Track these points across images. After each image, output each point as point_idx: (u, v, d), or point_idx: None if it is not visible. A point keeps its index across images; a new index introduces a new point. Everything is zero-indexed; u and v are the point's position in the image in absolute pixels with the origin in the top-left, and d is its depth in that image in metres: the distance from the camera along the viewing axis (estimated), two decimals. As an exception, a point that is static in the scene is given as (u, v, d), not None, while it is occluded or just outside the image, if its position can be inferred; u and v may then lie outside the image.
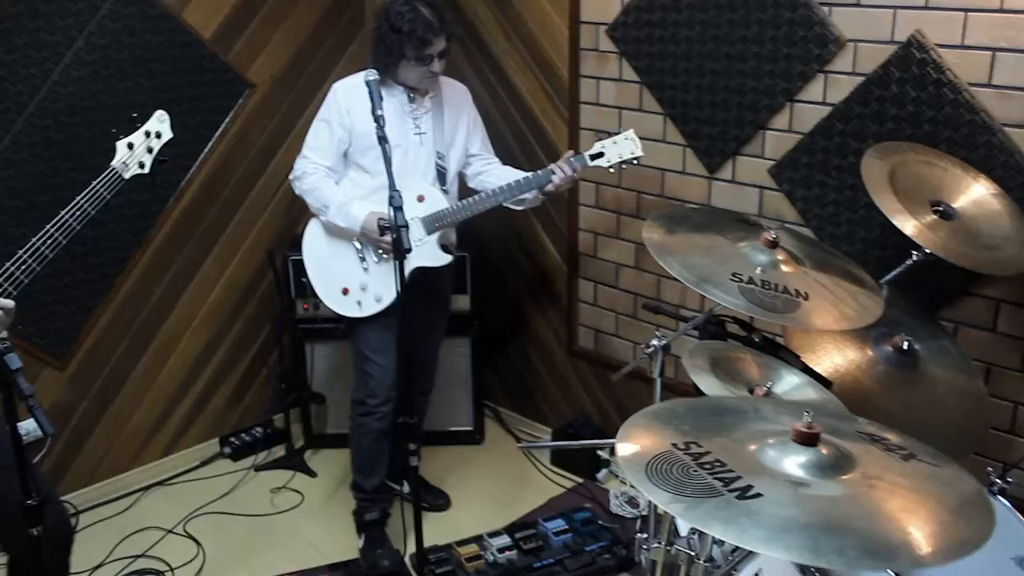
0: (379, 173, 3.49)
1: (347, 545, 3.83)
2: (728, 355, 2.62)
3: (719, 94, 3.50)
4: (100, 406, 4.15)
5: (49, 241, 2.66)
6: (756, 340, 2.68)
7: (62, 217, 2.68)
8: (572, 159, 3.43)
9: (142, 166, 2.86)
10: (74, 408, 4.05)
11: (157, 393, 4.31)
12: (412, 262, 3.48)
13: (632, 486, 4.05)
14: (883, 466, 1.80)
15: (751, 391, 2.48)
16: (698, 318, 2.85)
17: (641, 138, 3.68)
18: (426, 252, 3.52)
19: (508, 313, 4.62)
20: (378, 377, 3.64)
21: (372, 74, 3.03)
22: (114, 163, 2.81)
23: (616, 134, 3.47)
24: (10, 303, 2.61)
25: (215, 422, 4.52)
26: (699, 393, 2.48)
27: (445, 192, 3.59)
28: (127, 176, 2.81)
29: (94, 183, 2.75)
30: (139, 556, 3.82)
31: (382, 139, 2.90)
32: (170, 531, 3.98)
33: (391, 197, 2.80)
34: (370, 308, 3.57)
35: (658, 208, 3.76)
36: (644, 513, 3.88)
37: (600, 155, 3.46)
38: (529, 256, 4.42)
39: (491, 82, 4.30)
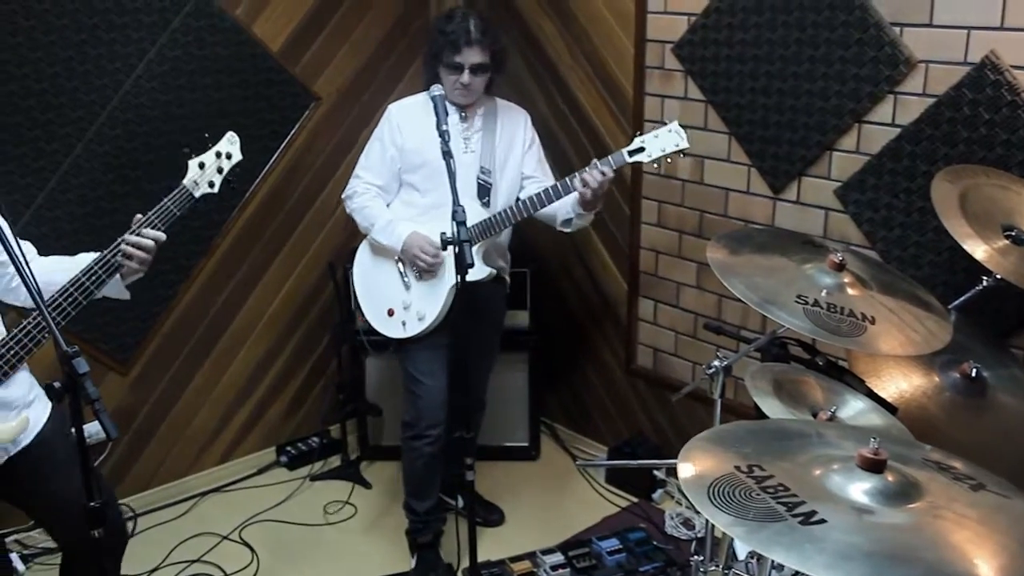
0: (429, 191, 3.56)
1: (399, 559, 3.84)
2: (792, 378, 2.58)
3: (785, 114, 3.46)
4: (161, 411, 4.21)
5: (118, 253, 2.69)
6: (820, 363, 2.64)
7: (134, 231, 2.72)
8: (601, 160, 3.31)
9: (211, 185, 2.89)
10: (135, 413, 4.11)
11: (216, 400, 4.36)
12: (449, 280, 3.49)
13: (690, 507, 4.01)
14: (950, 496, 1.76)
15: (815, 415, 2.44)
16: (761, 340, 2.82)
17: (706, 157, 3.67)
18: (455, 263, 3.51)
19: (567, 330, 4.60)
20: (427, 399, 3.63)
21: (437, 89, 3.06)
22: (185, 181, 2.83)
23: (659, 127, 3.36)
24: (162, 236, 2.72)
25: (272, 431, 4.56)
26: (760, 415, 2.45)
27: (485, 206, 3.56)
28: (197, 195, 2.84)
29: (165, 200, 2.77)
30: (194, 561, 3.87)
31: (447, 154, 2.89)
32: (225, 537, 4.02)
33: (454, 212, 2.80)
34: (413, 328, 3.57)
35: (721, 228, 3.73)
36: (700, 535, 3.84)
37: (640, 150, 3.34)
38: (589, 273, 4.41)
39: (555, 98, 4.31)
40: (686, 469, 1.82)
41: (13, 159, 3.53)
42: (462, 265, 2.74)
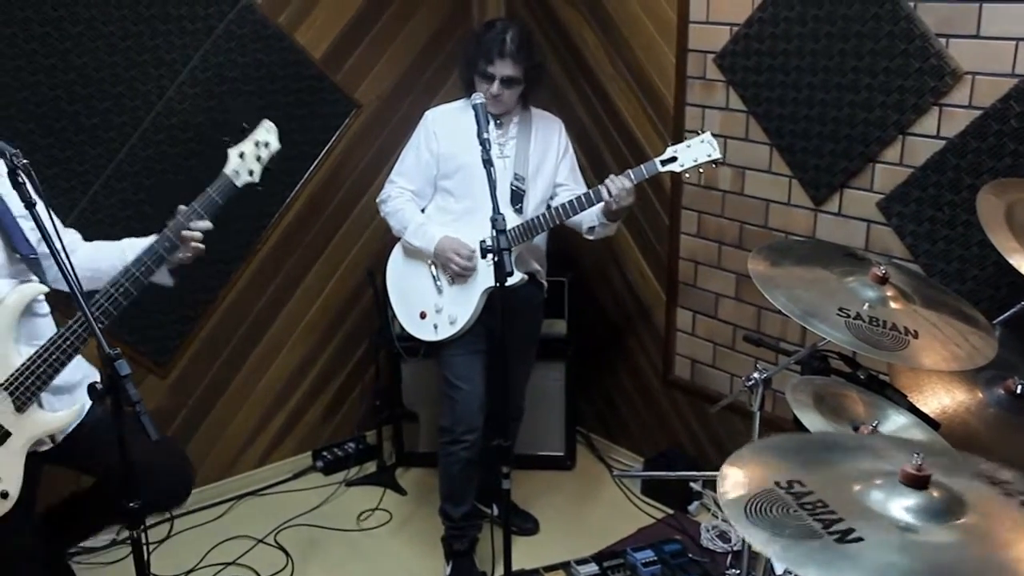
0: (464, 197, 3.58)
1: (434, 566, 3.84)
2: (833, 391, 2.55)
3: (828, 125, 3.44)
4: (198, 415, 4.23)
5: (166, 243, 2.77)
6: (861, 377, 2.61)
7: (177, 220, 2.77)
8: (634, 169, 3.33)
9: (252, 174, 2.94)
10: (173, 416, 4.14)
11: (254, 404, 4.39)
12: (481, 283, 3.52)
13: (726, 520, 3.98)
14: (999, 512, 1.72)
15: (856, 429, 2.42)
16: (801, 352, 2.79)
17: (746, 168, 3.65)
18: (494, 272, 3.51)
19: (604, 339, 4.59)
20: (464, 404, 3.62)
21: (479, 97, 3.06)
22: (226, 170, 2.89)
23: (692, 138, 3.38)
24: (209, 224, 2.83)
25: (309, 435, 4.58)
26: (799, 428, 2.43)
27: (518, 212, 3.57)
28: (239, 184, 2.89)
29: (208, 189, 2.83)
30: (229, 564, 3.89)
31: (487, 162, 2.88)
32: (260, 541, 4.04)
33: (494, 220, 2.79)
34: (445, 331, 3.58)
35: (761, 239, 3.71)
36: (736, 548, 3.82)
37: (672, 159, 3.36)
38: (627, 283, 4.39)
39: (594, 107, 4.30)
40: (726, 483, 1.80)
41: (59, 163, 3.58)
42: (501, 273, 2.74)
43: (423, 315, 3.64)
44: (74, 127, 3.58)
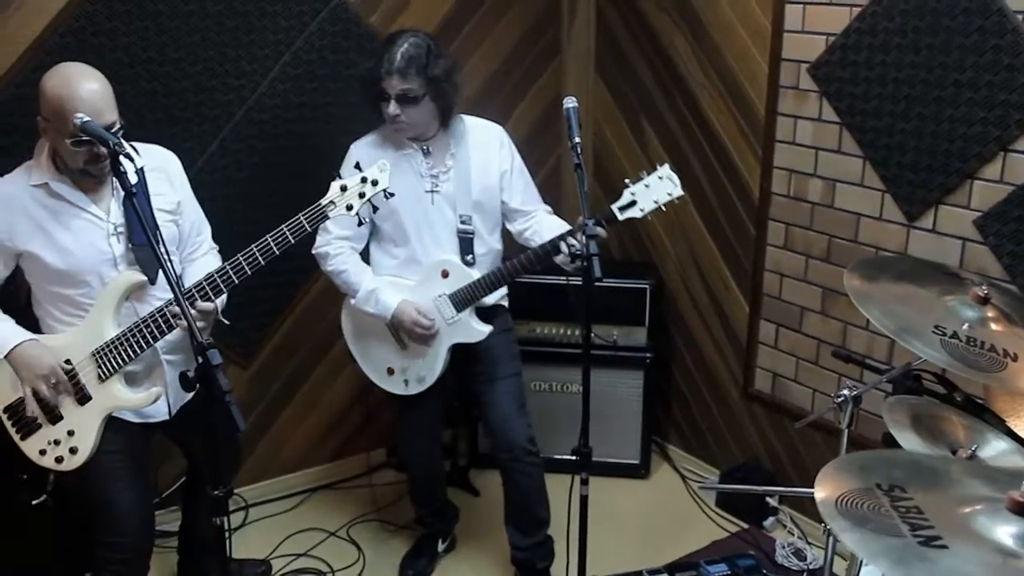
0: (402, 243, 3.38)
1: (499, 567, 3.86)
2: (931, 413, 2.49)
3: (925, 139, 3.36)
4: (277, 407, 4.29)
5: (250, 260, 2.81)
6: (958, 399, 2.55)
7: (265, 241, 2.80)
8: (588, 228, 2.79)
9: (349, 208, 2.83)
10: (253, 407, 4.20)
11: (331, 399, 4.43)
12: (446, 341, 3.40)
13: (802, 537, 3.93)
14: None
15: (954, 452, 2.36)
16: (895, 371, 2.73)
17: (837, 181, 3.57)
18: (460, 330, 3.39)
19: (684, 348, 4.55)
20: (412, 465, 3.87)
21: (570, 101, 2.97)
22: (323, 200, 2.82)
23: (649, 175, 3.16)
24: (211, 305, 2.79)
25: (383, 432, 4.59)
26: (888, 448, 2.38)
27: (470, 264, 3.39)
28: (331, 215, 2.82)
29: (300, 215, 2.82)
30: (301, 555, 3.94)
31: (578, 167, 2.79)
32: (333, 534, 4.08)
33: (584, 225, 2.73)
34: (415, 388, 3.49)
35: (850, 253, 3.63)
36: (812, 567, 3.76)
37: (631, 204, 3.16)
38: (710, 292, 4.35)
39: (684, 115, 4.26)
40: (826, 480, 1.76)
41: (153, 154, 3.64)
42: (589, 281, 2.68)
43: (391, 371, 3.51)
44: (168, 119, 3.64)
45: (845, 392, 2.69)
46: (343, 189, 2.80)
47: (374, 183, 2.81)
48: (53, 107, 2.64)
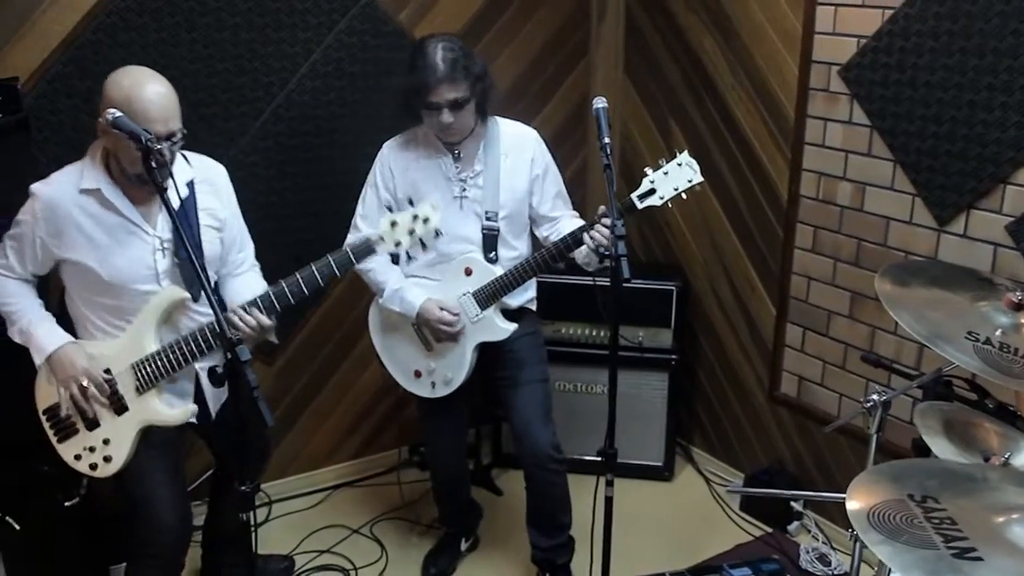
0: (429, 248, 3.22)
1: (522, 568, 3.86)
2: (963, 419, 2.47)
3: (957, 143, 3.33)
4: (302, 403, 4.30)
5: (278, 294, 2.82)
6: (990, 405, 2.52)
7: (294, 277, 2.81)
8: (604, 219, 2.95)
9: (398, 245, 2.75)
10: (277, 403, 4.22)
11: (355, 396, 4.44)
12: (472, 340, 3.39)
13: (826, 542, 3.90)
14: None
15: (987, 459, 2.33)
16: (926, 376, 2.70)
17: (867, 184, 3.54)
18: (485, 328, 3.38)
19: (709, 350, 4.53)
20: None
21: (600, 102, 2.95)
22: (372, 234, 2.77)
23: (668, 162, 3.11)
24: (269, 322, 2.82)
25: (407, 430, 4.59)
26: (918, 454, 2.36)
27: (493, 261, 3.37)
28: (379, 250, 2.77)
29: (346, 247, 2.81)
30: (324, 551, 3.95)
31: (607, 168, 2.79)
32: (355, 531, 4.10)
33: (612, 226, 2.70)
34: (442, 390, 3.48)
35: (880, 257, 3.61)
36: (836, 572, 3.73)
37: (651, 192, 3.12)
38: (737, 295, 4.32)
39: (712, 116, 4.24)
40: (859, 490, 1.74)
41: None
42: (617, 282, 2.66)
43: (417, 374, 3.52)
44: (196, 115, 3.64)
45: (875, 397, 2.66)
46: (393, 224, 2.73)
47: (426, 220, 2.73)
48: (118, 108, 2.56)
